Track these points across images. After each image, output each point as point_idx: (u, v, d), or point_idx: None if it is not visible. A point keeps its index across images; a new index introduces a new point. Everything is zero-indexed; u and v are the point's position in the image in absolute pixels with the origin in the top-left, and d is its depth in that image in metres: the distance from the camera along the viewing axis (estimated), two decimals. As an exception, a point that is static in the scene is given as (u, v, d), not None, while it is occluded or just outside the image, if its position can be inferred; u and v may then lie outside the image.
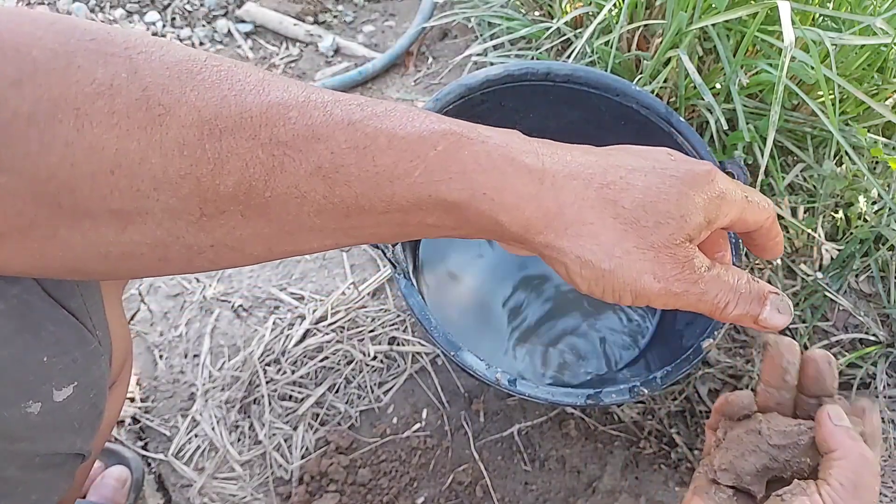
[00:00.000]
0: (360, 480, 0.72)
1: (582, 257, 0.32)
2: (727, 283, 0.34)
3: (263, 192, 0.27)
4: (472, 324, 0.76)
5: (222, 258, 0.30)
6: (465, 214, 0.31)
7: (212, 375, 0.79)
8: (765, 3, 0.67)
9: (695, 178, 0.33)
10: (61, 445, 0.34)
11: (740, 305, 0.34)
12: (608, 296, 0.33)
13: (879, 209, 0.82)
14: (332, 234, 0.30)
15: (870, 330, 0.82)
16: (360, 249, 0.88)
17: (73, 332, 0.34)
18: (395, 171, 0.29)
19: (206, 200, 0.27)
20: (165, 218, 0.27)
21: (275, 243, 0.30)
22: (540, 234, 0.31)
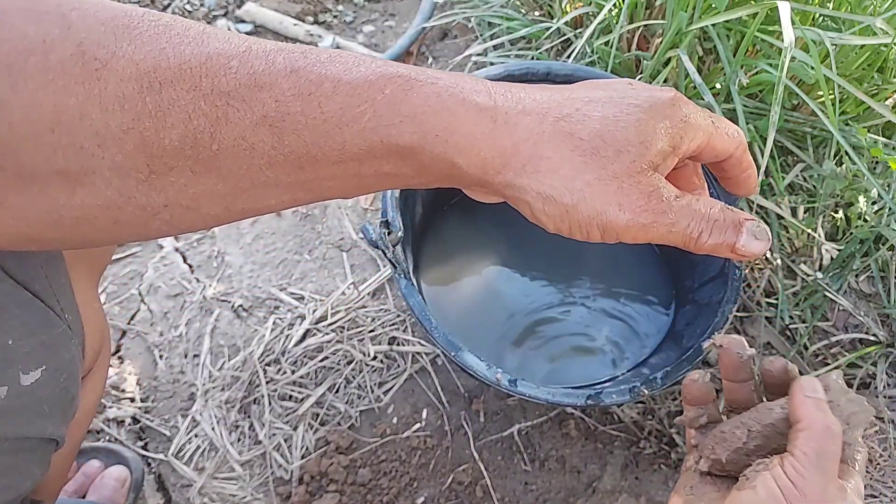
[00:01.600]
0: (360, 480, 0.72)
1: (543, 193, 0.31)
2: (699, 211, 0.32)
3: (210, 144, 0.27)
4: (472, 324, 0.76)
5: (179, 219, 0.29)
6: (421, 159, 0.30)
7: (212, 375, 0.79)
8: (765, 3, 0.67)
9: (655, 104, 0.32)
10: (30, 430, 0.34)
11: (714, 234, 0.32)
12: (576, 232, 0.32)
13: (879, 209, 0.82)
14: (289, 189, 0.30)
15: (870, 330, 0.82)
16: (360, 249, 0.88)
17: (39, 315, 0.34)
18: (344, 117, 0.28)
19: (153, 156, 0.27)
20: (114, 177, 0.27)
21: (231, 201, 0.29)
22: (498, 174, 0.31)
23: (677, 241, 0.32)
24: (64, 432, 0.38)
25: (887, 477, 0.75)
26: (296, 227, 0.91)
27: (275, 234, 0.90)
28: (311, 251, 0.89)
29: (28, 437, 0.34)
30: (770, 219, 0.84)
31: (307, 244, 0.89)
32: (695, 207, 0.32)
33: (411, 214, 0.73)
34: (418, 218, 0.78)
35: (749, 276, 0.84)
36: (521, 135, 0.30)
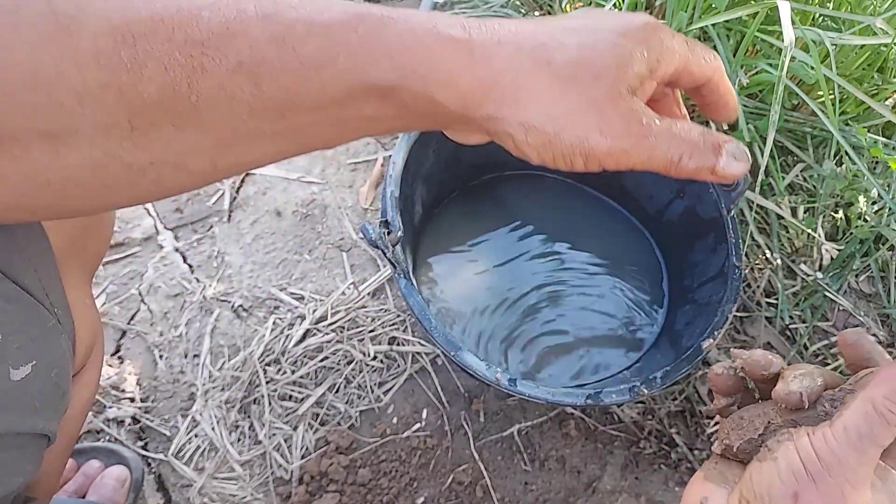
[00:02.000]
0: (360, 480, 0.72)
1: (525, 123, 0.30)
2: (678, 134, 0.32)
3: (189, 96, 0.27)
4: (471, 323, 0.76)
5: (167, 178, 0.29)
6: (401, 98, 0.29)
7: (212, 375, 0.79)
8: (765, 3, 0.67)
9: (630, 29, 0.32)
10: (21, 426, 0.34)
11: (695, 157, 0.32)
12: (560, 162, 0.32)
13: (879, 209, 0.82)
14: (273, 140, 0.30)
15: (870, 330, 0.82)
16: (361, 249, 0.89)
17: (29, 310, 0.34)
18: (319, 59, 0.28)
19: (134, 111, 0.27)
20: (97, 134, 0.27)
21: (216, 155, 0.29)
22: (480, 107, 0.30)
23: (658, 165, 0.32)
24: (56, 428, 0.38)
25: (887, 477, 0.75)
26: (296, 227, 0.91)
27: (275, 234, 0.90)
28: (311, 251, 0.89)
29: (19, 432, 0.34)
30: (770, 219, 0.84)
31: (307, 244, 0.89)
32: (674, 131, 0.32)
33: (411, 214, 0.73)
34: (418, 218, 0.78)
35: (749, 276, 0.84)
36: (499, 66, 0.30)
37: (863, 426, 0.31)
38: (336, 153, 0.98)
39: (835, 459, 0.31)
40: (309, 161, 0.97)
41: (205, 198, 0.93)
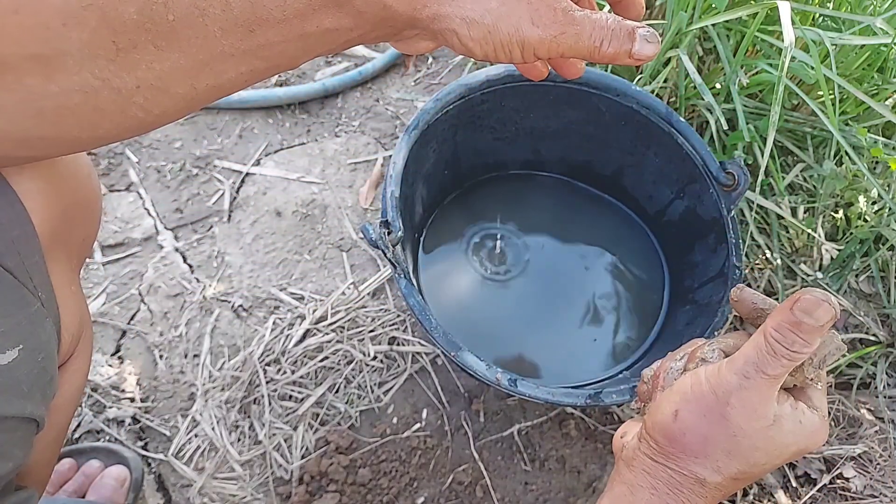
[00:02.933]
0: (360, 480, 0.72)
1: (466, 18, 0.33)
2: (598, 21, 0.34)
3: (166, 15, 0.29)
4: (471, 322, 0.76)
5: (153, 102, 0.31)
6: (355, 5, 0.32)
7: (212, 375, 0.79)
8: (765, 3, 0.67)
9: None
10: (9, 409, 0.35)
11: (613, 42, 0.34)
12: (500, 54, 0.34)
13: (879, 209, 0.82)
14: (245, 59, 0.32)
15: (870, 330, 0.82)
16: (361, 249, 0.89)
17: (13, 293, 0.35)
18: None
19: (116, 31, 0.28)
20: (84, 57, 0.28)
21: (195, 76, 0.31)
22: (425, 7, 0.33)
23: (583, 50, 0.34)
24: (44, 412, 0.38)
25: (887, 477, 0.75)
26: (296, 227, 0.91)
27: (275, 234, 0.90)
28: (311, 251, 0.89)
29: (7, 416, 0.35)
30: (770, 219, 0.84)
31: (307, 244, 0.89)
32: (594, 17, 0.34)
33: (411, 214, 0.73)
34: (418, 218, 0.78)
35: (749, 276, 0.84)
36: None
37: (751, 354, 0.36)
38: (336, 153, 0.98)
39: (717, 382, 0.37)
40: (309, 161, 0.97)
41: (205, 198, 0.93)
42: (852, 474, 0.74)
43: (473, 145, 0.78)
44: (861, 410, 0.79)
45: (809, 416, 0.37)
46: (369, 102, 1.05)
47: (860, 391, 0.80)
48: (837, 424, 0.78)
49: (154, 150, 0.97)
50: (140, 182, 0.94)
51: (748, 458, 0.37)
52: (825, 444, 0.76)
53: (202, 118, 1.01)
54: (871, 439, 0.77)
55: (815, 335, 0.35)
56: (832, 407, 0.78)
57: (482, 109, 0.73)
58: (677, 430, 0.37)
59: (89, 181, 0.45)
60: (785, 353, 0.35)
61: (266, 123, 1.01)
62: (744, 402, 0.36)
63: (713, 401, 0.36)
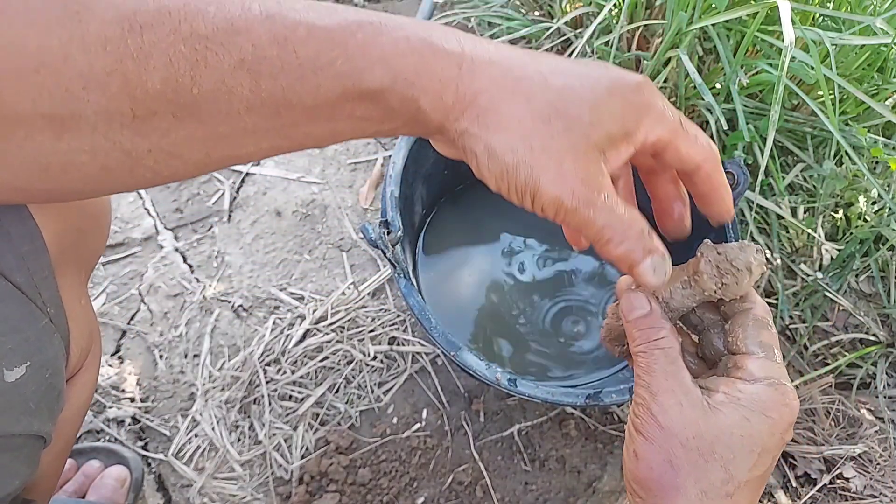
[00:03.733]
0: (360, 480, 0.72)
1: (489, 147, 0.31)
2: (619, 220, 0.32)
3: (191, 88, 0.28)
4: (471, 322, 0.76)
5: (163, 165, 0.30)
6: (389, 102, 0.30)
7: (212, 375, 0.79)
8: (765, 3, 0.67)
9: (618, 86, 0.32)
10: (16, 427, 0.34)
11: (622, 248, 0.33)
12: (513, 195, 0.32)
13: (879, 209, 0.82)
14: (267, 136, 0.31)
15: (870, 330, 0.82)
16: (361, 249, 0.89)
17: (21, 309, 0.34)
18: (318, 61, 0.29)
19: (136, 99, 0.27)
20: (99, 121, 0.27)
21: (211, 146, 0.30)
22: (457, 120, 0.31)
23: (589, 234, 0.33)
24: (51, 429, 0.38)
25: (887, 477, 0.75)
26: (296, 227, 0.91)
27: (275, 234, 0.90)
28: (311, 251, 0.89)
29: (14, 434, 0.34)
30: (770, 219, 0.84)
31: (307, 244, 0.89)
32: (618, 213, 0.32)
33: (411, 214, 0.73)
34: (418, 218, 0.78)
35: (749, 276, 0.84)
36: (482, 84, 0.31)
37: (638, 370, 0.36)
38: (336, 153, 0.98)
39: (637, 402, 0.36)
40: (309, 161, 0.97)
41: (205, 198, 0.93)
42: (852, 474, 0.74)
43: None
44: (861, 410, 0.79)
45: (750, 390, 0.34)
46: (369, 102, 1.05)
47: (860, 391, 0.80)
48: (837, 424, 0.78)
49: (154, 150, 0.97)
50: (140, 182, 0.94)
51: (719, 461, 0.33)
52: (825, 444, 0.76)
53: (202, 118, 1.01)
54: (871, 439, 0.77)
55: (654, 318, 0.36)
56: (832, 407, 0.78)
57: (482, 109, 0.73)
58: (644, 469, 0.34)
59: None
60: (646, 345, 0.35)
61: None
62: (663, 404, 0.34)
63: (650, 421, 0.34)
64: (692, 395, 0.34)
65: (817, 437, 0.77)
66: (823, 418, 0.78)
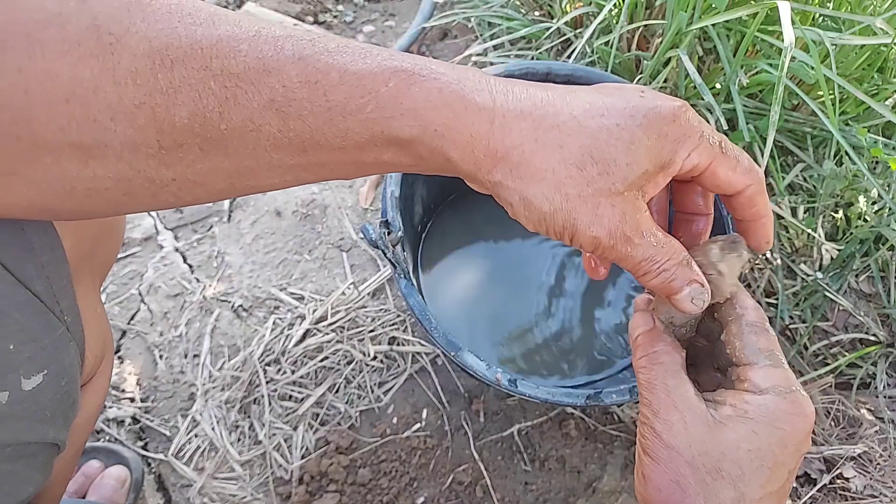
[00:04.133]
0: (360, 480, 0.72)
1: (525, 198, 0.32)
2: (658, 255, 0.33)
3: (219, 124, 0.28)
4: (471, 323, 0.76)
5: (186, 192, 0.30)
6: (418, 151, 0.31)
7: (212, 375, 0.79)
8: (765, 3, 0.67)
9: (654, 118, 0.32)
10: (32, 435, 0.34)
11: (658, 280, 0.34)
12: (552, 235, 0.33)
13: (879, 209, 0.82)
14: (292, 171, 0.31)
15: (870, 330, 0.82)
16: (361, 249, 0.89)
17: (39, 318, 0.34)
18: (348, 106, 0.29)
19: (163, 132, 0.27)
20: (125, 151, 0.28)
21: (236, 178, 0.30)
22: (489, 173, 0.32)
23: (628, 268, 0.34)
24: (65, 437, 0.38)
25: (887, 477, 0.75)
26: (296, 227, 0.91)
27: (275, 234, 0.90)
28: (311, 251, 0.89)
29: (30, 442, 0.34)
30: (770, 219, 0.84)
31: (307, 244, 0.89)
32: (657, 247, 0.33)
33: (411, 214, 0.73)
34: (418, 218, 0.78)
35: (749, 277, 0.84)
36: (514, 140, 0.31)
37: (641, 389, 0.36)
38: (336, 153, 0.98)
39: (642, 422, 0.35)
40: (309, 161, 0.97)
41: (205, 198, 0.93)
42: (852, 474, 0.74)
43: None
44: (861, 410, 0.79)
45: (758, 401, 0.33)
46: (369, 102, 1.05)
47: (860, 391, 0.80)
48: (837, 424, 0.78)
49: (154, 150, 0.97)
50: (140, 182, 0.94)
51: (728, 479, 0.32)
52: (825, 444, 0.76)
53: (202, 118, 1.01)
54: (871, 439, 0.77)
55: (654, 337, 0.36)
56: (832, 407, 0.78)
57: (482, 109, 0.73)
58: (653, 491, 0.34)
59: None
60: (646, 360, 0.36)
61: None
62: (667, 422, 0.33)
63: (654, 440, 0.34)
64: (696, 410, 0.33)
65: (817, 437, 0.77)
66: (823, 418, 0.78)
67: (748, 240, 0.37)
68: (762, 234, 0.37)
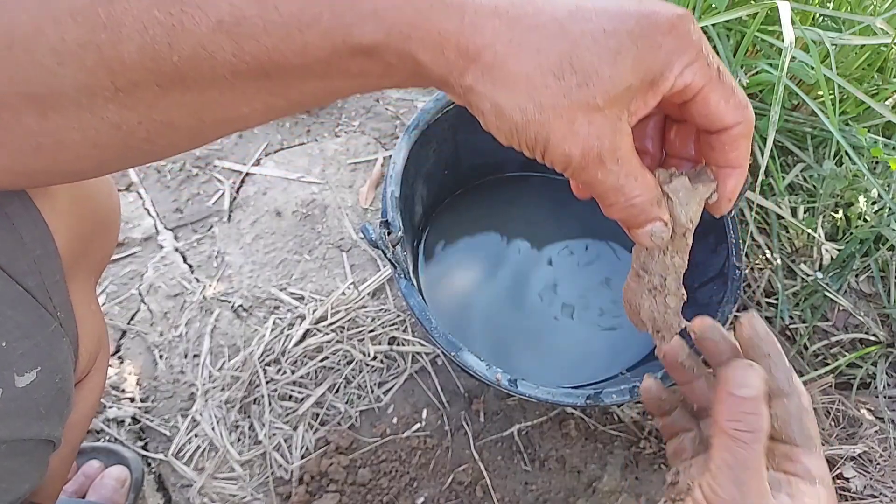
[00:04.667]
0: (360, 480, 0.72)
1: (497, 105, 0.29)
2: (631, 186, 0.31)
3: (170, 56, 0.26)
4: (472, 323, 0.76)
5: (157, 136, 0.29)
6: (385, 58, 0.28)
7: (212, 375, 0.79)
8: (765, 3, 0.67)
9: (648, 26, 0.28)
10: (27, 432, 0.34)
11: (624, 213, 0.32)
12: (524, 149, 0.30)
13: (879, 209, 0.82)
14: (259, 97, 0.29)
15: (870, 330, 0.82)
16: (361, 249, 0.89)
17: (32, 314, 0.34)
18: (302, 18, 0.27)
19: (115, 72, 0.26)
20: (82, 97, 0.27)
21: (203, 113, 0.29)
22: (461, 76, 0.29)
23: (596, 193, 0.32)
24: (61, 433, 0.38)
25: (887, 477, 0.75)
26: (296, 227, 0.91)
27: (275, 234, 0.90)
28: (311, 251, 0.89)
29: (25, 439, 0.34)
30: (770, 219, 0.84)
31: (307, 244, 0.89)
32: (628, 181, 0.31)
33: (411, 214, 0.73)
34: (418, 218, 0.78)
35: (749, 276, 0.84)
36: (486, 38, 0.28)
37: (729, 458, 0.33)
38: (336, 153, 0.98)
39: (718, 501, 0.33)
40: (309, 161, 0.97)
41: (205, 198, 0.93)
42: (852, 474, 0.74)
43: (473, 145, 0.78)
44: (861, 410, 0.79)
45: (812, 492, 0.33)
46: (369, 102, 1.05)
47: (860, 391, 0.80)
48: (837, 424, 0.78)
49: (154, 150, 0.97)
50: (140, 182, 0.94)
51: None
52: (825, 444, 0.76)
53: (202, 118, 1.01)
54: (871, 439, 0.77)
55: (760, 403, 0.33)
56: (832, 407, 0.78)
57: (482, 109, 0.73)
58: None
59: (110, 200, 0.44)
60: (750, 436, 0.33)
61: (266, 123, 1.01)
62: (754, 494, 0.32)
63: None
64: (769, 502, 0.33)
65: (817, 437, 0.77)
66: (823, 418, 0.78)
67: (724, 186, 0.35)
68: (730, 186, 0.34)
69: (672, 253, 0.37)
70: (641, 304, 0.41)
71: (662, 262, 0.38)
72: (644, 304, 0.41)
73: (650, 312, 0.41)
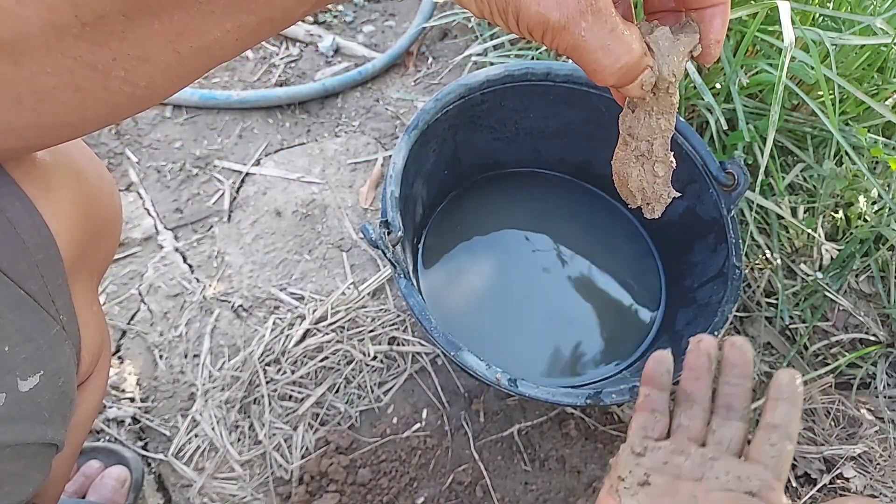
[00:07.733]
0: (360, 480, 0.72)
1: None
2: (617, 44, 0.29)
3: None
4: (472, 323, 0.76)
5: (136, 74, 0.28)
6: None
7: (212, 375, 0.79)
8: (765, 3, 0.67)
9: None
10: (31, 436, 0.34)
11: (615, 76, 0.30)
12: (497, 17, 0.29)
13: (879, 209, 0.82)
14: (228, 13, 0.28)
15: (870, 330, 0.82)
16: (361, 249, 0.89)
17: (34, 317, 0.34)
18: None
19: (77, 5, 0.26)
20: (50, 37, 0.26)
21: (177, 43, 0.28)
22: None
23: (583, 59, 0.29)
24: (64, 436, 0.38)
25: (887, 477, 0.75)
26: (296, 227, 0.91)
27: (275, 234, 0.90)
28: (311, 251, 0.89)
29: (28, 443, 0.34)
30: (770, 219, 0.84)
31: (307, 244, 0.89)
32: (614, 37, 0.28)
33: (411, 214, 0.73)
34: (418, 218, 0.78)
35: (749, 276, 0.84)
36: None
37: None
38: (336, 153, 0.98)
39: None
40: (309, 161, 0.97)
41: (205, 198, 0.93)
42: (852, 474, 0.74)
43: (473, 145, 0.78)
44: (861, 410, 0.79)
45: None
46: (369, 102, 1.05)
47: (860, 391, 0.80)
48: (837, 424, 0.78)
49: (154, 150, 0.97)
50: (140, 182, 0.94)
51: None
52: (825, 444, 0.76)
53: (202, 118, 1.01)
54: (871, 439, 0.77)
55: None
56: (832, 407, 0.78)
57: (482, 109, 0.73)
58: None
59: (112, 201, 0.44)
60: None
61: (266, 123, 1.01)
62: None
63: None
64: None
65: (817, 437, 0.77)
66: (823, 418, 0.78)
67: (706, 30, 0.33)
68: (716, 25, 0.33)
69: (658, 114, 0.36)
70: (630, 174, 0.39)
71: (648, 125, 0.36)
72: (632, 172, 0.39)
73: (639, 182, 0.39)
